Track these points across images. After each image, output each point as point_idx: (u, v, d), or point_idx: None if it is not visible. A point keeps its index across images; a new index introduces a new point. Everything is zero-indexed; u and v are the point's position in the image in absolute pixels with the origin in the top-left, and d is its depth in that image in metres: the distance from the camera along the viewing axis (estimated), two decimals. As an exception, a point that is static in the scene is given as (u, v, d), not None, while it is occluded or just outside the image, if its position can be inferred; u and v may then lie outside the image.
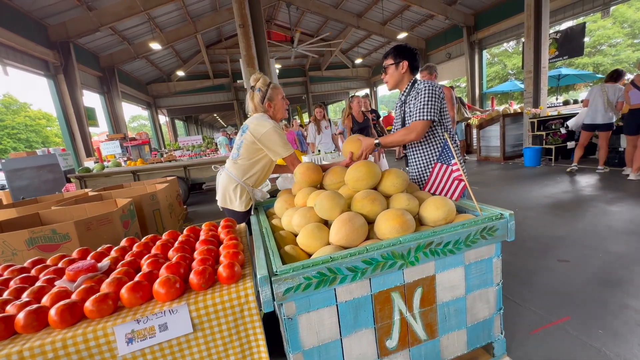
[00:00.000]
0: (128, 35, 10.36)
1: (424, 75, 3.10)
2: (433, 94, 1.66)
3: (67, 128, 8.13)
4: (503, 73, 22.97)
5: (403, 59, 1.76)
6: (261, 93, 1.78)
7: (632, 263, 2.15)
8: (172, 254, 1.27)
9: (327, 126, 5.26)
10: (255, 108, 1.82)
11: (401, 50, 1.78)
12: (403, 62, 1.76)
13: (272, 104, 1.81)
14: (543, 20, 6.47)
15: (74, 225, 2.08)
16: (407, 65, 1.77)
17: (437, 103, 1.67)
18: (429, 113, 1.65)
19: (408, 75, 1.81)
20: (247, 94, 1.86)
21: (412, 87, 1.79)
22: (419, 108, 1.67)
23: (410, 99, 1.77)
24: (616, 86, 4.35)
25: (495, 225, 1.25)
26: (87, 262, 1.18)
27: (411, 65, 1.77)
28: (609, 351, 1.44)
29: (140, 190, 3.63)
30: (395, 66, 1.78)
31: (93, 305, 0.93)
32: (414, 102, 1.73)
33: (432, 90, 1.67)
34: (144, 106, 15.64)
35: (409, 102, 1.79)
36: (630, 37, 18.79)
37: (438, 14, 11.02)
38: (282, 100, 1.84)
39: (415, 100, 1.71)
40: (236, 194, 1.80)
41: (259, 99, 1.79)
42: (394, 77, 1.81)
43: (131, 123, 39.72)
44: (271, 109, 1.81)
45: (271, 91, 1.79)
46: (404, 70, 1.78)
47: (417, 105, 1.69)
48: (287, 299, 1.02)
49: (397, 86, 1.86)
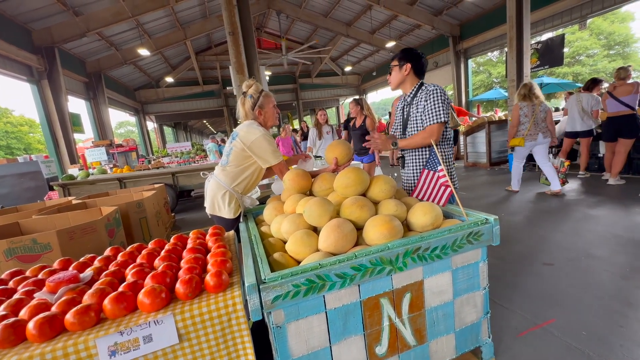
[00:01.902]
0: (116, 41, 10.24)
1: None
2: (444, 97, 1.73)
3: (50, 134, 7.92)
4: (488, 81, 23.66)
5: (407, 62, 1.82)
6: (252, 100, 1.79)
7: (613, 266, 2.22)
8: (158, 263, 1.24)
9: (328, 131, 5.12)
10: (246, 114, 1.82)
11: (406, 53, 1.84)
12: (406, 65, 1.82)
13: (263, 111, 1.81)
14: (524, 31, 6.73)
15: (56, 234, 2.01)
16: (410, 67, 1.82)
17: (447, 106, 1.73)
18: (443, 115, 1.71)
19: (411, 77, 1.85)
20: (238, 100, 1.87)
21: (418, 90, 1.84)
22: (434, 111, 1.72)
23: (418, 102, 1.81)
24: (591, 95, 4.54)
25: (481, 230, 1.27)
26: (69, 273, 1.14)
27: (415, 68, 1.83)
28: (593, 352, 1.48)
29: (126, 197, 3.55)
30: (399, 68, 1.84)
31: (74, 317, 0.90)
32: (424, 105, 1.77)
33: (442, 93, 1.74)
34: (131, 112, 15.40)
35: (415, 104, 1.83)
36: (606, 48, 19.69)
37: (425, 24, 11.33)
38: (273, 108, 1.85)
39: (427, 103, 1.75)
40: (225, 200, 1.78)
41: (250, 105, 1.79)
42: (396, 78, 1.87)
43: (118, 129, 38.99)
44: (261, 116, 1.82)
45: (263, 99, 1.80)
46: (406, 73, 1.83)
47: (430, 109, 1.73)
48: (275, 307, 1.01)
49: (399, 87, 1.92)
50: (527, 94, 4.09)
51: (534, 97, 4.05)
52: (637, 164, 4.58)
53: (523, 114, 4.13)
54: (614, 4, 7.67)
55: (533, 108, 4.08)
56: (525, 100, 4.10)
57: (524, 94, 4.13)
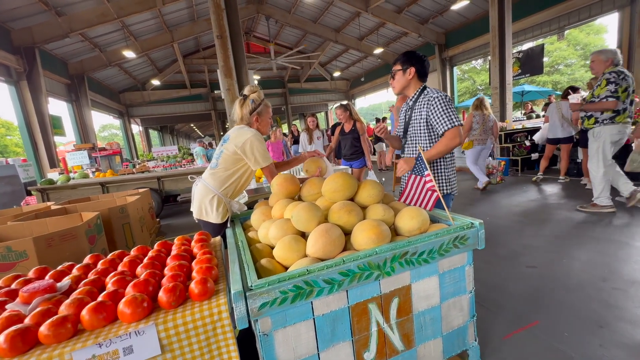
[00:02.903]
0: (100, 43, 10.01)
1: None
2: (450, 102, 1.75)
3: (29, 137, 7.62)
4: (472, 88, 24.33)
5: (411, 66, 1.80)
6: (253, 105, 1.81)
7: (592, 267, 2.29)
8: (140, 270, 1.20)
9: (319, 137, 5.10)
10: (242, 117, 1.83)
11: (410, 57, 1.81)
12: (410, 69, 1.80)
13: (260, 119, 1.85)
14: (507, 40, 6.97)
15: (33, 241, 1.93)
16: (414, 71, 1.81)
17: (455, 109, 1.75)
18: (455, 118, 1.70)
19: (415, 81, 1.85)
20: (236, 101, 1.87)
21: (420, 94, 1.83)
22: (447, 117, 1.70)
23: (420, 106, 1.81)
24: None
25: (467, 234, 1.29)
26: (45, 282, 1.09)
27: (419, 72, 1.82)
28: (574, 353, 1.51)
29: (108, 203, 3.45)
30: (403, 72, 1.82)
31: (49, 329, 0.85)
32: (427, 112, 1.77)
33: (447, 98, 1.74)
34: (115, 115, 15.03)
35: (416, 108, 1.83)
36: (582, 58, 20.61)
37: (411, 31, 11.59)
38: (269, 119, 1.90)
39: (435, 110, 1.73)
40: (213, 205, 1.76)
41: (250, 109, 1.81)
42: (400, 83, 1.85)
43: (101, 132, 37.91)
44: (257, 123, 1.85)
45: (263, 107, 1.85)
46: (411, 77, 1.82)
47: (442, 115, 1.71)
48: (262, 314, 1.00)
49: (403, 91, 1.90)
50: (479, 105, 5.00)
51: (485, 108, 4.96)
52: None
53: (475, 121, 4.99)
54: (589, 16, 8.06)
55: (483, 117, 4.98)
56: (478, 110, 4.99)
57: (477, 105, 5.04)
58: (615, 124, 3.18)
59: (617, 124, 3.18)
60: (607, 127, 3.21)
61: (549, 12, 8.51)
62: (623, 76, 3.05)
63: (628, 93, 3.09)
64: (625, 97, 3.09)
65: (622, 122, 3.16)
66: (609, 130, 3.21)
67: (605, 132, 3.23)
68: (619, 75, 3.05)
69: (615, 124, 3.18)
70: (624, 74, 3.06)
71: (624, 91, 3.06)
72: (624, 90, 3.06)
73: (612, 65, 3.14)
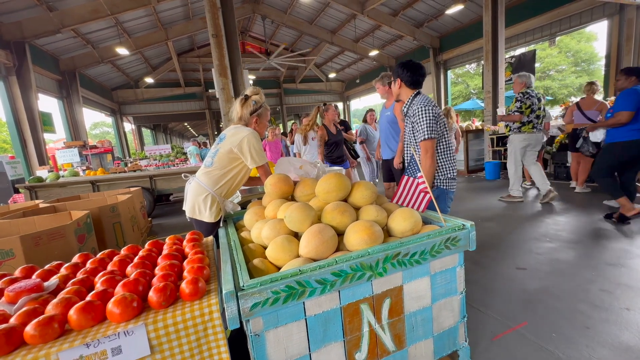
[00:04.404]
0: (92, 39, 9.87)
1: (378, 86, 3.27)
2: (427, 113, 1.85)
3: (17, 134, 7.46)
4: (466, 92, 24.61)
5: (397, 77, 2.01)
6: (255, 106, 1.85)
7: (579, 269, 2.34)
8: (130, 270, 1.19)
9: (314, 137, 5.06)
10: (241, 117, 1.85)
11: (397, 69, 2.01)
12: (397, 80, 2.01)
13: (260, 121, 1.89)
14: (499, 45, 7.07)
15: (20, 240, 1.89)
16: (400, 82, 2.00)
17: (432, 121, 1.86)
18: (428, 132, 1.85)
19: (405, 89, 2.02)
20: (237, 100, 1.89)
21: (412, 101, 1.98)
22: (420, 129, 1.88)
23: (410, 114, 1.98)
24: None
25: (458, 235, 1.31)
26: (32, 282, 1.07)
27: (406, 82, 1.98)
28: (562, 353, 1.54)
29: (99, 201, 3.40)
30: (393, 83, 2.06)
31: (35, 329, 0.84)
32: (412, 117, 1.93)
33: (425, 110, 1.86)
34: (107, 112, 14.81)
35: (410, 115, 1.99)
36: (573, 64, 21.04)
37: (407, 35, 11.69)
38: (267, 122, 1.95)
39: (415, 121, 1.91)
40: (206, 204, 1.75)
41: (251, 110, 1.84)
42: (394, 92, 2.09)
43: (93, 130, 37.28)
44: (256, 124, 1.88)
45: (263, 109, 1.89)
46: (399, 86, 2.03)
47: (417, 128, 1.90)
48: (254, 314, 0.99)
49: (397, 98, 2.11)
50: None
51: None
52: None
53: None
54: (579, 23, 8.23)
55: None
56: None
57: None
58: (522, 133, 4.10)
59: (523, 133, 4.09)
60: (516, 135, 4.14)
61: (541, 18, 8.68)
62: (528, 96, 3.96)
63: (532, 109, 3.99)
64: (529, 113, 4.00)
65: (527, 132, 4.07)
66: (517, 137, 4.14)
67: (515, 139, 4.17)
68: (524, 96, 3.98)
69: (522, 133, 4.10)
70: (529, 94, 3.97)
71: (527, 108, 3.99)
72: (528, 107, 3.98)
73: (525, 87, 4.05)
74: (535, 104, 3.97)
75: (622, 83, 3.04)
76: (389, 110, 3.12)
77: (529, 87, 4.06)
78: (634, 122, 2.87)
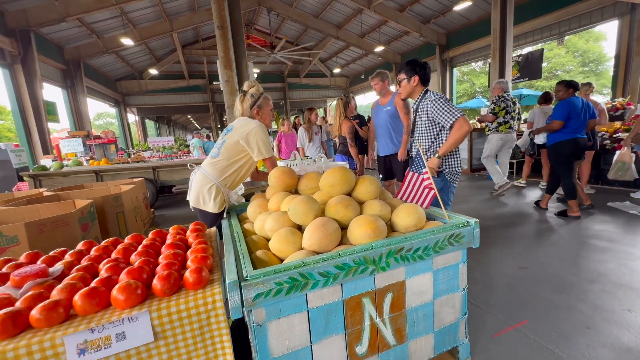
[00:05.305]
0: (97, 29, 9.85)
1: (376, 82, 3.19)
2: (446, 100, 1.97)
3: (22, 122, 7.50)
4: (471, 91, 24.42)
5: (415, 74, 2.04)
6: (253, 99, 1.85)
7: (581, 270, 2.33)
8: (134, 258, 1.20)
9: (317, 132, 4.84)
10: (243, 112, 1.88)
11: (413, 66, 2.04)
12: (414, 77, 2.04)
13: (261, 111, 1.89)
14: (507, 43, 7.00)
15: (24, 227, 1.91)
16: (417, 79, 2.04)
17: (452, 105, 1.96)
18: (458, 111, 1.91)
19: (419, 87, 2.08)
20: (237, 98, 1.91)
21: (423, 97, 2.07)
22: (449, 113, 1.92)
23: (421, 109, 2.06)
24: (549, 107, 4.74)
25: (462, 232, 1.30)
26: (37, 267, 1.08)
27: (421, 79, 2.05)
28: (562, 353, 1.54)
29: (102, 191, 3.41)
30: (407, 80, 2.06)
31: (40, 313, 0.84)
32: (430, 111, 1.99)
33: (443, 97, 1.98)
34: (111, 103, 14.84)
35: (419, 111, 2.08)
36: (581, 65, 20.78)
37: (413, 31, 11.57)
38: (270, 111, 1.94)
39: (436, 111, 1.96)
40: (211, 194, 1.75)
41: (250, 104, 1.85)
42: (406, 90, 2.10)
43: (96, 120, 37.39)
44: (258, 116, 1.89)
45: (262, 100, 1.88)
46: (415, 84, 2.06)
47: (443, 113, 1.94)
48: (256, 305, 1.00)
49: (409, 96, 2.15)
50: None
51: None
52: (606, 175, 4.82)
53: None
54: (589, 23, 8.11)
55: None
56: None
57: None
58: (498, 133, 4.61)
59: (499, 133, 4.61)
60: (494, 135, 4.66)
61: (550, 17, 8.55)
62: (503, 99, 4.50)
63: (507, 111, 4.51)
64: (503, 114, 4.52)
65: (504, 132, 4.58)
66: (495, 136, 4.65)
67: (492, 138, 4.68)
68: (500, 99, 4.53)
69: (498, 133, 4.61)
70: (504, 98, 4.51)
71: (502, 110, 4.51)
72: (502, 109, 4.51)
73: (502, 92, 4.56)
74: (510, 106, 4.48)
75: (562, 94, 3.44)
76: (390, 105, 3.04)
77: (506, 92, 4.58)
78: (565, 127, 3.39)
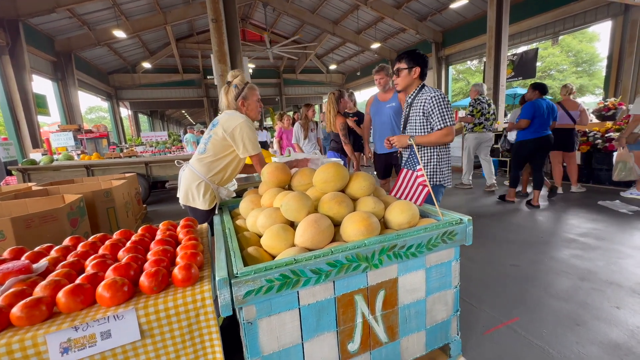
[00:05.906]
0: (89, 20, 9.64)
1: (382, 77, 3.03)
2: (446, 102, 1.88)
3: (11, 115, 7.33)
4: (466, 89, 24.51)
5: (416, 65, 1.91)
6: (237, 90, 1.76)
7: (572, 267, 2.36)
8: (122, 254, 1.17)
9: (312, 128, 4.74)
10: (229, 104, 1.79)
11: (416, 57, 1.91)
12: (416, 68, 1.91)
13: (246, 103, 1.79)
14: (503, 42, 7.02)
15: (10, 221, 1.86)
16: (418, 71, 1.92)
17: (451, 109, 1.90)
18: (450, 119, 1.87)
19: (417, 80, 1.96)
20: (221, 89, 1.83)
21: (419, 92, 1.96)
22: (441, 117, 1.87)
23: (417, 104, 1.95)
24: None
25: (455, 229, 1.30)
26: (20, 263, 1.05)
27: (422, 72, 1.94)
28: (552, 349, 1.56)
29: (93, 186, 3.35)
30: (408, 71, 1.92)
31: (22, 311, 0.82)
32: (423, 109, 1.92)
33: (444, 98, 1.88)
34: (103, 97, 14.59)
35: (414, 105, 1.96)
36: (574, 65, 20.98)
37: (409, 28, 11.55)
38: (256, 102, 1.83)
39: (432, 108, 1.88)
40: (200, 191, 1.72)
41: (234, 95, 1.76)
42: (405, 81, 1.96)
43: (88, 114, 36.74)
44: (244, 107, 1.79)
45: (247, 90, 1.78)
46: (415, 76, 1.93)
47: (438, 115, 1.87)
48: (247, 302, 0.98)
49: (406, 89, 2.01)
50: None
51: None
52: (597, 174, 4.89)
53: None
54: (583, 23, 8.18)
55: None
56: None
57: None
58: (474, 133, 4.94)
59: (475, 133, 4.93)
60: (470, 134, 5.00)
61: (545, 16, 8.61)
62: (479, 102, 4.82)
63: (482, 113, 4.81)
64: (479, 116, 4.83)
65: (478, 132, 4.90)
66: (471, 136, 5.00)
67: (469, 137, 5.04)
68: (476, 102, 4.85)
69: (474, 133, 4.94)
70: (480, 101, 4.82)
71: (477, 112, 4.83)
72: (478, 111, 4.82)
73: (479, 95, 4.88)
74: (485, 108, 4.79)
75: (530, 95, 3.84)
76: (394, 101, 2.87)
77: (481, 95, 4.90)
78: (531, 127, 3.75)
